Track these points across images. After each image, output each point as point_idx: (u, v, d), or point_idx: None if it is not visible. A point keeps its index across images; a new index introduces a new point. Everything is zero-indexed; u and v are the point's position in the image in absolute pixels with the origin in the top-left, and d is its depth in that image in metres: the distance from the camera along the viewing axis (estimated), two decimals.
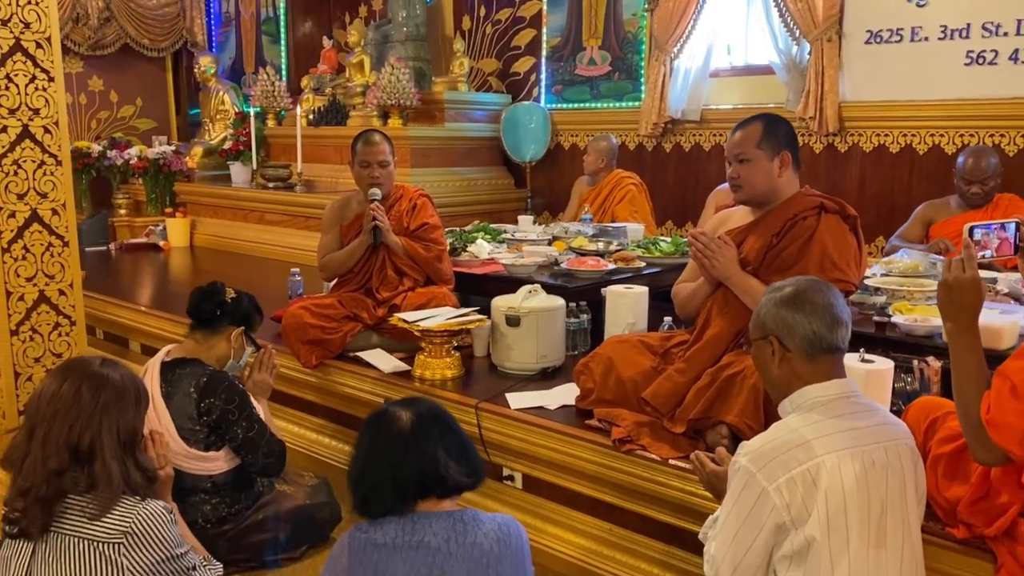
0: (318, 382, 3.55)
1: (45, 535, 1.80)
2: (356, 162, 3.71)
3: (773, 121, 2.63)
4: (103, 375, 1.88)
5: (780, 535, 1.74)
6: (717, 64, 5.84)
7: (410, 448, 1.73)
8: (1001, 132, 4.70)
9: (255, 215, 6.77)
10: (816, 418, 1.79)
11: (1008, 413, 1.71)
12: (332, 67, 7.59)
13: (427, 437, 1.75)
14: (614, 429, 2.63)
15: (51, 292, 2.50)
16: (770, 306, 1.89)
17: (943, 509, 2.03)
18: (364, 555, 1.67)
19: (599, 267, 3.78)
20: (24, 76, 2.40)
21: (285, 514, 2.79)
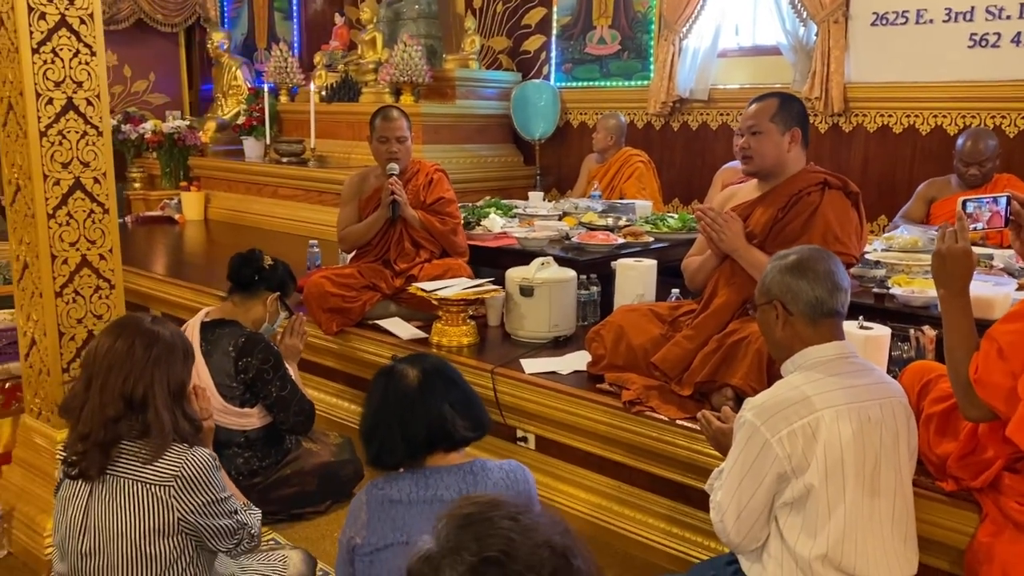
0: (339, 349, 3.69)
1: (102, 477, 1.94)
2: (375, 137, 3.83)
3: (787, 99, 2.76)
4: (155, 331, 2.01)
5: (781, 483, 1.88)
6: (725, 44, 5.92)
7: (417, 404, 1.79)
8: (1002, 114, 4.81)
9: (268, 189, 6.89)
10: (816, 376, 1.92)
11: (995, 373, 1.85)
12: (344, 44, 7.67)
13: (433, 393, 1.81)
14: (624, 392, 2.78)
15: (92, 257, 2.62)
16: (775, 273, 2.02)
17: (933, 464, 2.18)
18: (382, 511, 1.76)
19: (609, 241, 3.91)
20: (69, 51, 2.50)
21: (311, 470, 2.94)
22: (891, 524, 1.92)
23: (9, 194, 2.64)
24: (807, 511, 1.87)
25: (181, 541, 1.98)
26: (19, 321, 2.73)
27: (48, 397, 2.66)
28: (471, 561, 0.93)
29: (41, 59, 2.47)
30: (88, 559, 1.96)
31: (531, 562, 0.92)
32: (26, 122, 2.48)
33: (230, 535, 2.05)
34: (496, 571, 0.92)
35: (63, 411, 2.05)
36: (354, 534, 1.76)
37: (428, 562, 0.96)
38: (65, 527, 1.99)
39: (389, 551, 1.71)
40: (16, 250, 2.65)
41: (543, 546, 0.95)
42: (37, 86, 2.47)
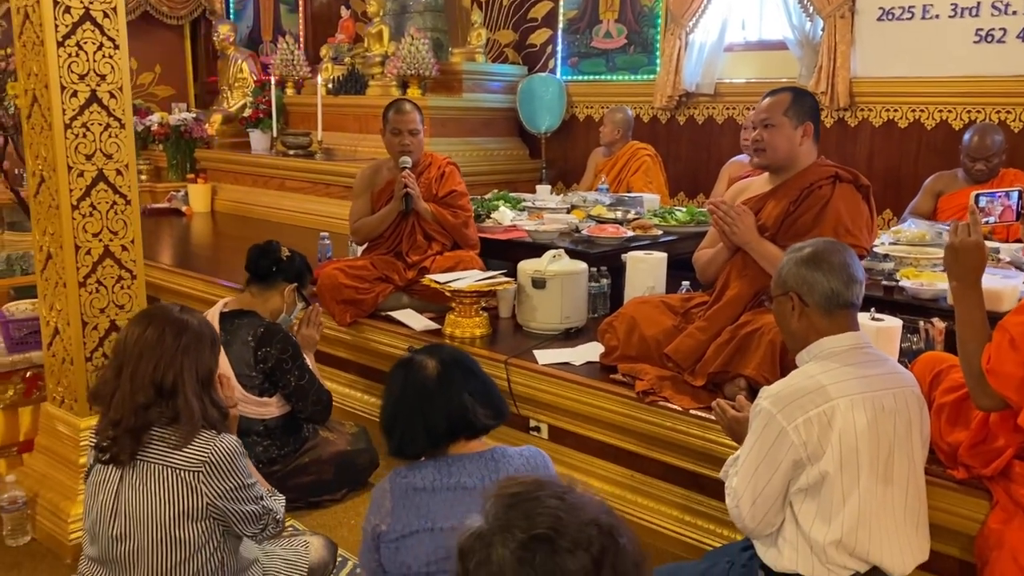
0: (352, 340, 3.74)
1: (132, 462, 1.98)
2: (387, 130, 3.86)
3: (801, 93, 2.80)
4: (183, 320, 2.06)
5: (797, 470, 1.92)
6: (731, 39, 5.95)
7: (437, 395, 1.82)
8: (1007, 109, 4.84)
9: (275, 182, 6.92)
10: (832, 366, 1.97)
11: (1007, 363, 1.89)
12: (350, 37, 7.69)
13: (452, 383, 1.83)
14: (637, 382, 2.82)
15: (115, 247, 2.66)
16: (791, 265, 2.07)
17: (945, 453, 2.22)
18: (406, 498, 1.79)
19: (618, 234, 3.95)
20: (92, 44, 2.54)
21: (328, 458, 2.99)
22: (904, 511, 1.97)
23: (33, 185, 2.68)
24: (822, 497, 1.91)
25: (209, 526, 2.02)
26: (42, 311, 2.77)
27: (71, 386, 2.71)
28: (521, 538, 0.97)
29: (66, 52, 2.51)
30: (119, 543, 2.00)
31: (579, 539, 0.97)
32: (51, 114, 2.52)
33: (256, 520, 2.10)
34: (546, 547, 0.96)
35: (93, 398, 2.09)
36: (379, 521, 1.80)
37: (480, 539, 1.00)
38: (96, 512, 2.03)
39: (414, 537, 1.75)
40: (40, 241, 2.69)
41: (590, 524, 0.99)
42: (62, 79, 2.51)
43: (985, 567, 2.09)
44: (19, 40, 2.60)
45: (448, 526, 1.73)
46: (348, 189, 6.24)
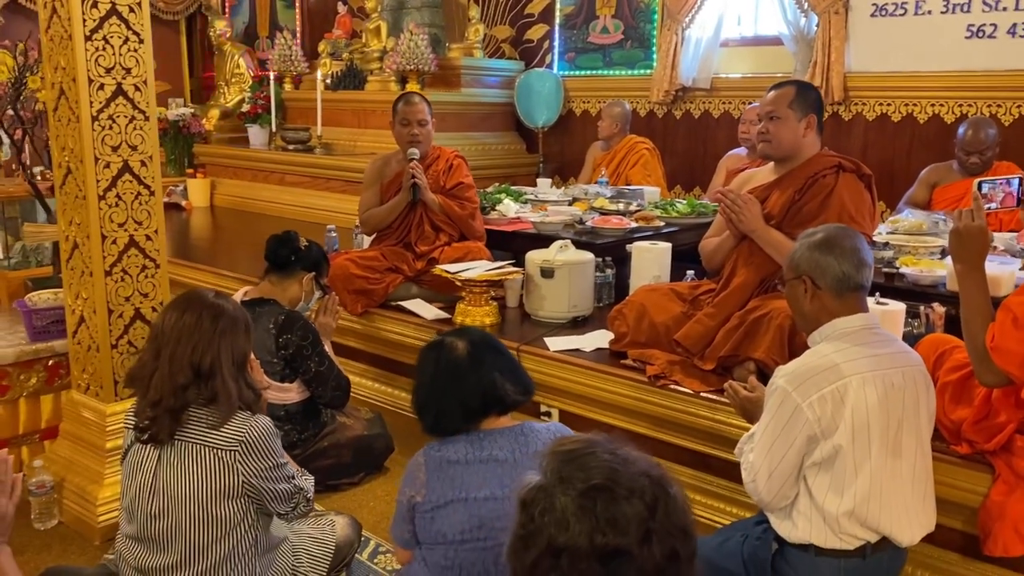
0: (363, 329, 3.81)
1: (171, 442, 2.05)
2: (397, 121, 3.93)
3: (805, 87, 2.89)
4: (220, 305, 2.12)
5: (811, 445, 2.01)
6: (727, 34, 6.06)
7: (469, 373, 1.91)
8: (998, 103, 4.96)
9: (275, 176, 6.97)
10: (843, 346, 2.06)
11: (1010, 341, 1.99)
12: (347, 32, 7.75)
13: (483, 362, 1.92)
14: (648, 367, 2.91)
15: (139, 237, 2.72)
16: (804, 250, 2.15)
17: (948, 430, 2.32)
18: (441, 471, 1.88)
19: (622, 225, 4.04)
20: (118, 38, 2.59)
21: (346, 442, 3.06)
22: (911, 483, 2.06)
23: (59, 176, 2.73)
24: (835, 470, 2.00)
25: (244, 504, 2.09)
26: (67, 300, 2.83)
27: (97, 372, 2.77)
28: (581, 487, 1.05)
29: (93, 46, 2.57)
30: (157, 520, 2.07)
31: (634, 488, 1.05)
32: (79, 107, 2.58)
33: (288, 499, 2.17)
34: (605, 495, 1.04)
35: (130, 381, 2.16)
36: (414, 493, 1.88)
37: (542, 491, 1.08)
38: (134, 490, 2.10)
39: (449, 507, 1.83)
40: (66, 231, 2.75)
41: (642, 475, 1.07)
42: (90, 72, 2.57)
43: (988, 538, 2.20)
44: (46, 35, 2.65)
45: (481, 496, 1.81)
46: (348, 183, 6.34)
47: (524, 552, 1.07)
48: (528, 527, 1.07)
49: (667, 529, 1.05)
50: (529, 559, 1.06)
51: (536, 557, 1.05)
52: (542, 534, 1.05)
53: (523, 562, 1.07)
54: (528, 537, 1.07)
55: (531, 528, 1.07)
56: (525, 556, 1.07)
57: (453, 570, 1.82)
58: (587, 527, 1.03)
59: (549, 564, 1.03)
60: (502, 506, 1.81)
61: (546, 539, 1.04)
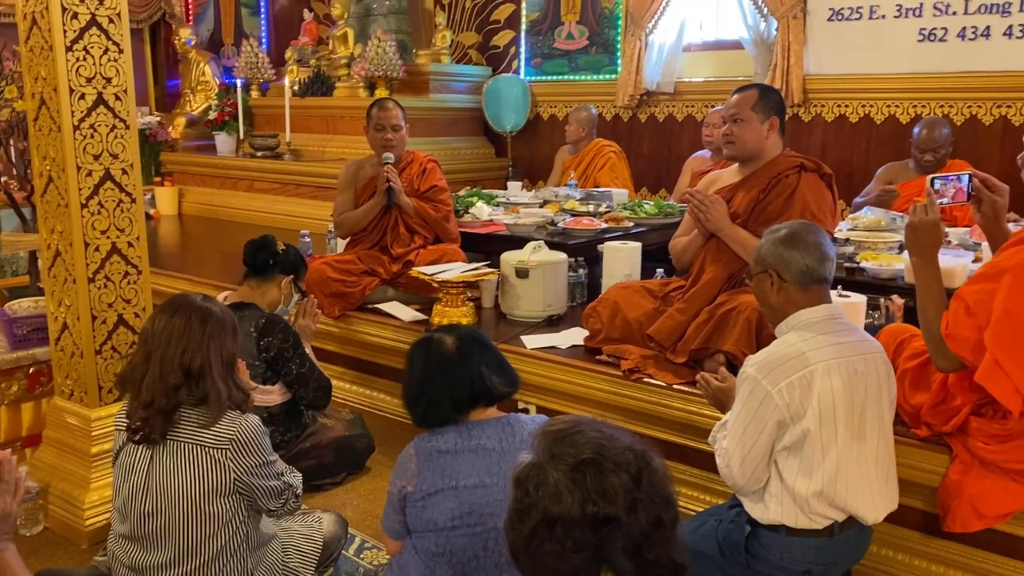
0: (340, 332, 3.86)
1: (163, 442, 2.10)
2: (371, 126, 4.00)
3: (767, 90, 3.01)
4: (208, 308, 2.18)
5: (781, 430, 2.12)
6: (690, 39, 6.19)
7: (458, 366, 1.99)
8: (950, 103, 5.15)
9: (244, 183, 6.98)
10: (809, 335, 2.16)
11: (963, 328, 2.11)
12: (313, 39, 7.78)
13: (471, 356, 2.01)
14: (623, 361, 3.01)
15: (121, 244, 2.75)
16: (769, 245, 2.26)
17: (908, 414, 2.44)
18: (431, 460, 1.96)
19: (593, 226, 4.14)
20: (99, 48, 2.63)
21: (328, 443, 3.12)
22: (875, 465, 2.18)
23: (40, 185, 2.76)
24: (804, 454, 2.11)
25: (235, 501, 2.15)
26: (50, 307, 2.85)
27: (81, 379, 2.80)
28: (572, 463, 1.14)
29: (74, 56, 2.61)
30: (150, 519, 2.11)
31: (620, 461, 1.14)
32: (60, 116, 2.61)
33: (278, 495, 2.23)
34: (594, 469, 1.13)
35: (121, 383, 2.20)
36: (405, 483, 1.95)
37: (535, 468, 1.17)
38: (127, 490, 2.14)
39: (439, 495, 1.91)
40: (48, 239, 2.78)
41: (627, 450, 1.16)
42: (71, 82, 2.61)
43: (947, 515, 2.32)
44: (25, 45, 2.68)
45: (470, 484, 1.89)
46: (319, 189, 6.38)
47: (521, 524, 1.15)
48: (524, 501, 1.15)
49: (651, 498, 1.14)
50: (526, 529, 1.14)
51: (533, 527, 1.13)
52: (537, 507, 1.13)
53: (520, 533, 1.15)
54: (524, 510, 1.15)
55: (527, 502, 1.15)
56: (522, 527, 1.15)
57: (444, 556, 1.90)
58: (578, 498, 1.11)
59: (545, 533, 1.12)
60: (490, 493, 1.89)
61: (541, 511, 1.12)
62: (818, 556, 2.15)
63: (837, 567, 2.22)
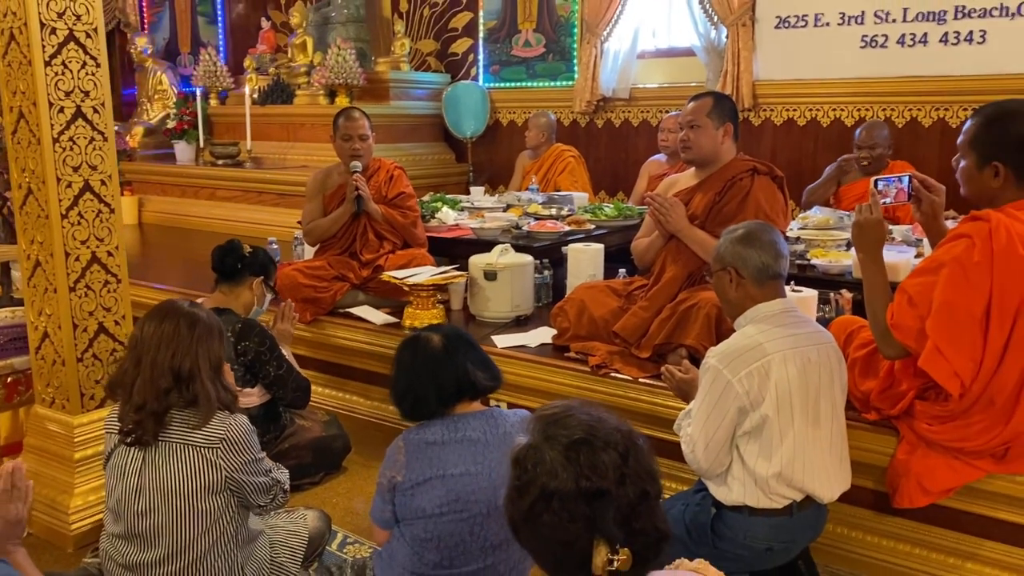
0: (313, 337, 3.94)
1: (155, 443, 2.18)
2: (338, 136, 4.09)
3: (721, 97, 3.18)
4: (195, 314, 2.26)
5: (741, 416, 2.27)
6: (643, 46, 6.38)
7: (446, 363, 2.10)
8: (892, 106, 5.39)
9: (205, 192, 7.01)
10: (765, 327, 2.32)
11: (907, 318, 2.28)
12: (271, 47, 7.83)
13: (456, 352, 2.12)
14: (590, 358, 3.15)
15: (101, 253, 2.81)
16: (728, 244, 2.41)
17: (858, 400, 2.61)
18: (419, 451, 2.07)
19: (556, 229, 4.28)
20: (77, 63, 2.69)
21: (306, 444, 3.21)
22: (829, 447, 2.34)
23: (19, 197, 2.81)
24: (763, 438, 2.26)
25: (225, 498, 2.23)
26: (30, 316, 2.90)
27: (63, 386, 2.85)
28: (565, 442, 1.26)
29: (53, 71, 2.67)
30: (144, 518, 2.19)
31: (609, 440, 1.26)
32: (40, 129, 2.67)
33: (267, 491, 2.32)
34: (586, 448, 1.25)
35: (111, 388, 2.28)
36: (394, 473, 2.06)
37: (532, 448, 1.28)
38: (121, 491, 2.21)
39: (427, 484, 2.02)
40: (27, 249, 2.83)
41: (615, 430, 1.29)
42: (50, 96, 2.67)
43: (896, 493, 2.49)
44: (2, 60, 2.73)
45: (457, 472, 2.01)
46: (282, 197, 6.44)
47: (520, 499, 1.27)
48: (523, 478, 1.27)
49: (638, 473, 1.26)
50: (525, 504, 1.26)
51: (532, 502, 1.25)
52: (536, 483, 1.25)
53: (520, 507, 1.27)
54: (523, 487, 1.27)
55: (525, 479, 1.27)
56: (521, 503, 1.27)
57: (432, 541, 2.01)
58: (573, 474, 1.23)
59: (543, 506, 1.24)
60: (476, 481, 2.01)
61: (539, 486, 1.24)
62: (778, 534, 2.31)
63: (796, 544, 2.38)
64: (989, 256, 2.15)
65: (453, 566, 2.03)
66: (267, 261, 3.26)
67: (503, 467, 2.02)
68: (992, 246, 2.15)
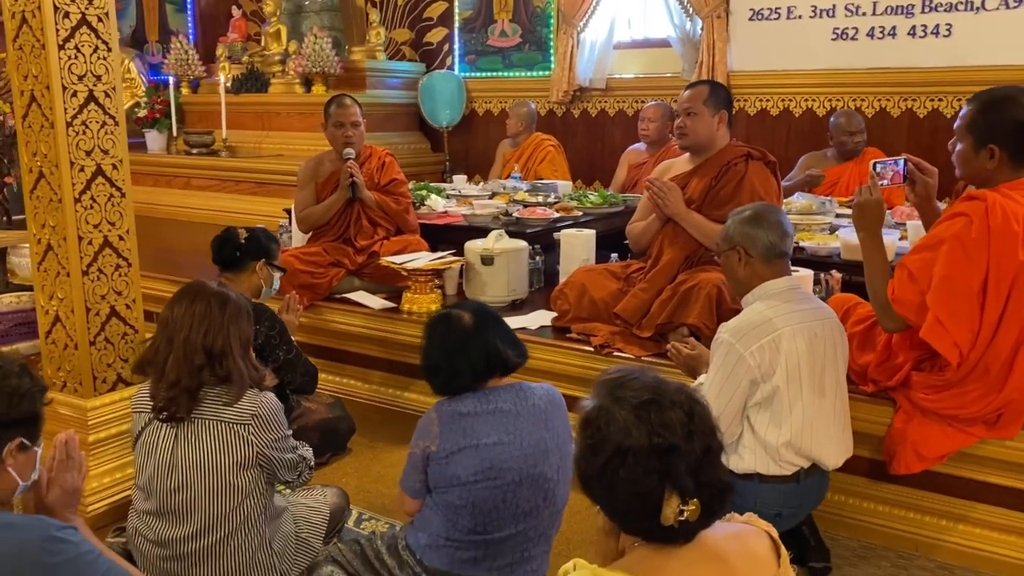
0: (309, 322, 3.97)
1: (188, 420, 2.22)
2: (330, 123, 4.12)
3: (717, 86, 3.29)
4: (225, 294, 2.30)
5: (753, 388, 2.38)
6: (620, 37, 6.48)
7: (476, 340, 2.17)
8: (862, 97, 5.57)
9: (180, 181, 6.95)
10: (774, 303, 2.43)
11: (907, 292, 2.42)
12: (242, 35, 7.77)
13: (486, 329, 2.20)
14: (592, 338, 3.24)
15: (113, 237, 2.82)
16: (736, 224, 2.52)
17: (856, 373, 2.75)
18: (453, 422, 2.14)
19: (547, 216, 4.36)
20: (89, 47, 2.69)
21: (313, 425, 3.25)
22: (834, 417, 2.47)
23: (30, 182, 2.81)
24: (774, 408, 2.38)
25: (255, 474, 2.28)
26: (40, 300, 2.90)
27: (75, 370, 2.86)
28: (635, 403, 1.34)
29: (66, 55, 2.67)
30: (176, 493, 2.23)
31: (674, 400, 1.35)
32: (53, 113, 2.67)
33: (293, 467, 2.38)
34: (655, 407, 1.34)
35: (140, 367, 2.32)
36: (428, 443, 2.13)
37: (602, 409, 1.37)
38: (152, 468, 2.25)
39: (461, 453, 2.10)
40: (38, 234, 2.83)
41: (678, 391, 1.38)
42: (63, 80, 2.67)
43: (892, 459, 2.63)
44: (13, 44, 2.73)
45: (490, 442, 2.09)
46: (260, 185, 6.43)
47: (594, 457, 1.35)
48: (596, 437, 1.35)
49: (702, 429, 1.36)
50: (599, 462, 1.34)
51: (607, 459, 1.33)
52: (610, 441, 1.33)
53: (594, 465, 1.35)
54: (597, 445, 1.35)
55: (599, 437, 1.35)
56: (595, 460, 1.35)
57: (466, 508, 2.09)
58: (645, 431, 1.32)
59: (618, 462, 1.32)
60: (508, 450, 2.09)
61: (614, 444, 1.33)
62: (787, 499, 2.43)
63: (803, 509, 2.51)
64: (986, 233, 2.29)
65: (487, 531, 2.11)
66: (267, 242, 3.22)
67: (533, 436, 2.13)
68: (989, 223, 2.29)
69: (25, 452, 1.67)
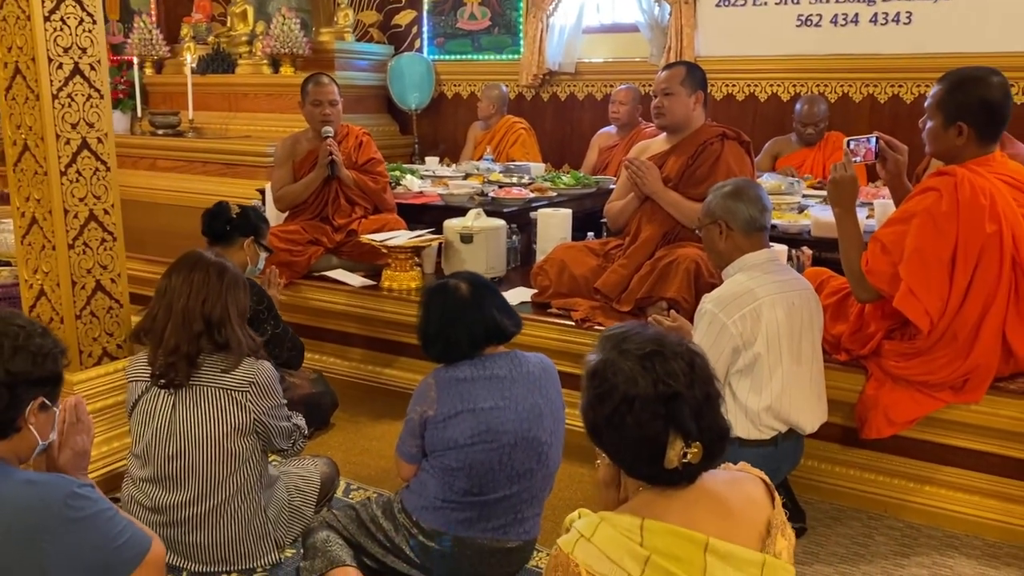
0: (288, 300, 3.97)
1: (185, 387, 2.25)
2: (307, 102, 4.12)
3: (693, 67, 3.37)
4: (222, 263, 2.33)
5: (735, 355, 2.48)
6: (589, 22, 6.54)
7: (474, 309, 2.24)
8: (825, 83, 5.71)
9: (145, 162, 6.86)
10: (755, 275, 2.53)
11: (880, 264, 2.53)
12: (207, 16, 7.70)
13: (483, 299, 2.27)
14: (573, 313, 3.32)
15: (98, 211, 2.82)
16: (717, 199, 2.62)
17: (829, 343, 2.86)
18: (450, 387, 2.20)
19: (523, 196, 4.42)
20: (75, 19, 2.67)
21: (299, 399, 3.28)
22: (810, 383, 2.58)
23: (14, 155, 2.79)
24: (754, 374, 2.48)
25: (252, 441, 2.32)
26: (24, 274, 2.89)
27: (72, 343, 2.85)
28: (639, 354, 1.42)
29: (52, 26, 2.66)
30: (174, 460, 2.26)
31: (676, 351, 1.43)
32: (39, 86, 2.66)
33: (288, 435, 2.42)
34: (659, 357, 1.41)
35: (138, 335, 2.34)
36: (426, 408, 2.20)
37: (608, 362, 1.44)
38: (150, 434, 2.28)
39: (458, 417, 2.16)
40: (22, 207, 2.82)
41: (680, 343, 1.46)
42: (49, 51, 2.66)
43: (864, 425, 2.75)
44: None
45: (487, 406, 2.15)
46: (228, 166, 6.39)
47: (602, 405, 1.42)
48: (603, 386, 1.42)
49: (702, 378, 1.43)
50: (607, 410, 1.41)
51: (614, 407, 1.40)
52: (617, 389, 1.40)
53: (602, 413, 1.42)
54: (604, 394, 1.42)
55: (606, 387, 1.42)
56: (603, 408, 1.42)
57: (463, 470, 2.15)
58: (651, 380, 1.39)
59: (626, 409, 1.39)
60: (504, 414, 2.16)
61: (621, 393, 1.40)
62: (766, 462, 2.48)
63: (780, 472, 2.62)
64: (955, 207, 2.40)
65: (482, 493, 2.17)
66: (257, 220, 3.27)
67: (527, 401, 2.20)
68: (958, 197, 2.40)
69: (46, 412, 1.69)
